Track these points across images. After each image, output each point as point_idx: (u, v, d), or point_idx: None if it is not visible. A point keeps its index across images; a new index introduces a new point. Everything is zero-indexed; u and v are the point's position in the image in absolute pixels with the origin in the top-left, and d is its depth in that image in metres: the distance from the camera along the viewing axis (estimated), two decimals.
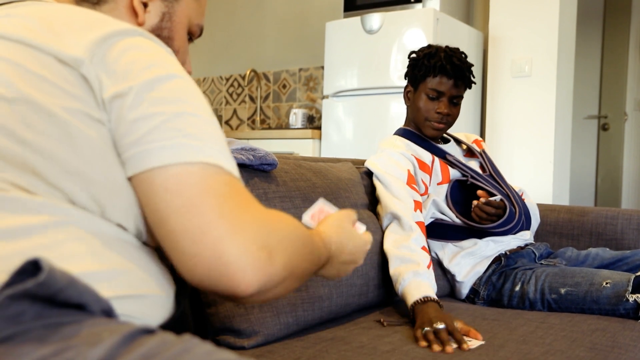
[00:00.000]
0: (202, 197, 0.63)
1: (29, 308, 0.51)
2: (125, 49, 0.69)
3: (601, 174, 4.26)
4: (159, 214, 0.64)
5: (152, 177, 0.64)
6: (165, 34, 0.87)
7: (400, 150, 1.72)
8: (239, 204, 0.65)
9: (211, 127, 0.69)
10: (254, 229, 0.65)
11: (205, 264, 0.62)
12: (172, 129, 0.65)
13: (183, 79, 0.71)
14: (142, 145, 0.65)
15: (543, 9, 2.99)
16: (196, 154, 0.65)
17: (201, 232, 0.62)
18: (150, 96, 0.67)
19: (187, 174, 0.64)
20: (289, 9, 4.27)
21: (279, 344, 1.19)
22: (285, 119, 4.23)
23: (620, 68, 4.18)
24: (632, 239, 1.95)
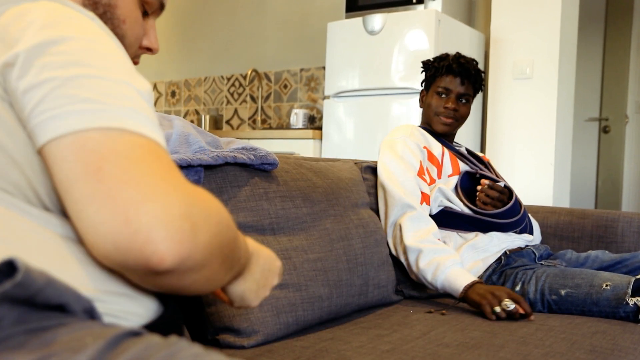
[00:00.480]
0: (105, 161, 0.55)
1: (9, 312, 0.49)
2: (19, 14, 0.64)
3: (602, 177, 4.26)
4: (62, 186, 0.57)
5: (49, 150, 0.57)
6: (104, 1, 0.79)
7: (415, 140, 1.79)
8: (151, 168, 0.57)
9: (116, 88, 0.61)
10: (175, 197, 0.56)
11: (111, 232, 0.54)
12: (64, 95, 0.58)
13: (87, 40, 0.63)
14: (34, 118, 0.58)
15: (545, 11, 2.99)
16: (93, 119, 0.57)
17: (107, 197, 0.54)
18: (40, 61, 0.60)
19: (84, 140, 0.56)
20: (290, 9, 4.27)
21: (278, 343, 1.19)
22: (286, 119, 4.23)
23: (622, 71, 4.18)
24: (633, 242, 1.95)
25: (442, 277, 1.55)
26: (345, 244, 1.46)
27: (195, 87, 4.77)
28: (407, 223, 1.65)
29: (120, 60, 0.65)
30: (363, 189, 1.70)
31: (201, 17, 4.72)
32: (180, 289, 0.60)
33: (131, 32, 0.83)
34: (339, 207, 1.52)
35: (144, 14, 0.86)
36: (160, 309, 0.68)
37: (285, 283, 1.27)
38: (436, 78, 1.86)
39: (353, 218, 1.54)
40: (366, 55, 3.13)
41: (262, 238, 1.29)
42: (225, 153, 1.27)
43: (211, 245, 0.58)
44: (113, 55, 0.64)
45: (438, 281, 1.56)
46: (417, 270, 1.60)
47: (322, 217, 1.45)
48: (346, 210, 1.54)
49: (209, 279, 0.62)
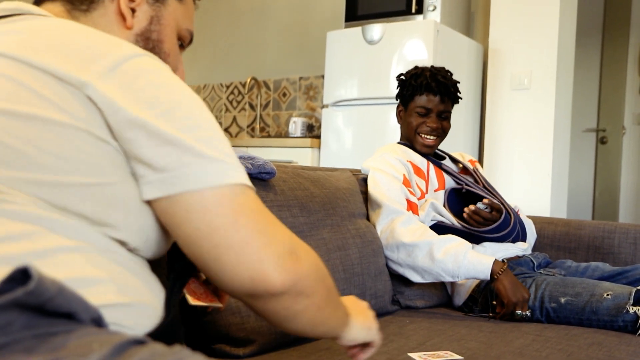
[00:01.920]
0: (240, 216, 0.70)
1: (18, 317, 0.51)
2: (136, 72, 0.71)
3: (599, 188, 4.27)
4: (199, 232, 0.69)
5: (186, 199, 0.69)
6: (154, 37, 0.88)
7: (397, 156, 1.79)
8: (268, 218, 0.73)
9: (225, 142, 0.74)
10: (284, 239, 0.73)
11: (247, 271, 0.70)
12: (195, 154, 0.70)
13: (195, 100, 0.74)
14: (171, 171, 0.69)
15: (543, 22, 3.01)
16: (224, 176, 0.70)
17: (244, 245, 0.69)
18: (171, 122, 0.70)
19: (221, 196, 0.70)
20: (290, 18, 4.28)
21: (274, 353, 1.19)
22: (285, 127, 4.23)
23: (619, 82, 4.19)
24: (629, 253, 1.95)
25: (465, 262, 1.56)
26: (342, 253, 1.46)
27: None
28: (399, 226, 1.64)
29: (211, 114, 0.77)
30: (360, 199, 1.70)
31: (201, 25, 4.73)
32: (295, 314, 0.76)
33: (173, 65, 0.91)
34: (336, 217, 1.52)
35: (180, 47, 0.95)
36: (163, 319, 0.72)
37: None
38: (415, 96, 1.83)
39: (350, 228, 1.54)
40: (365, 64, 3.14)
41: None
42: None
43: (314, 272, 0.76)
44: (209, 111, 0.76)
45: (461, 268, 1.56)
46: (432, 264, 1.59)
47: (319, 226, 1.45)
48: (343, 220, 1.54)
49: (320, 308, 0.78)
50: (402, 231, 1.63)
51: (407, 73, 1.89)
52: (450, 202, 1.81)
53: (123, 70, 0.71)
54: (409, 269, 1.63)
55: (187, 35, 0.94)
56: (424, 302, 1.69)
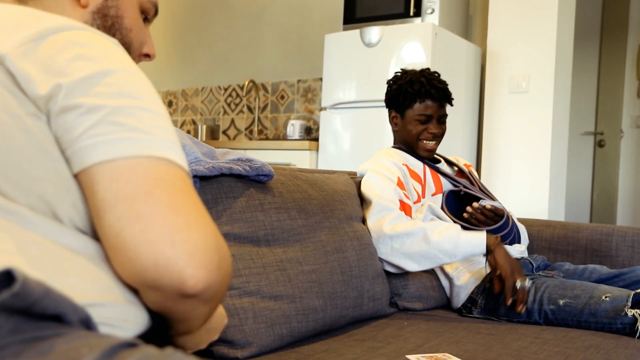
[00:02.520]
0: (154, 187, 0.60)
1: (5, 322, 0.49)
2: (60, 45, 0.66)
3: (597, 191, 4.27)
4: (103, 203, 0.60)
5: (96, 170, 0.61)
6: (112, 13, 0.83)
7: (392, 159, 1.79)
8: (193, 201, 0.63)
9: (159, 120, 0.66)
10: (209, 229, 0.62)
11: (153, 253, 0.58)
12: (116, 122, 0.62)
13: (128, 71, 0.68)
14: (84, 141, 0.62)
15: (541, 25, 3.01)
16: (144, 147, 0.62)
17: (153, 220, 0.59)
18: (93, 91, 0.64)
19: (135, 166, 0.61)
20: (288, 21, 4.29)
21: (272, 355, 1.19)
22: (283, 129, 4.24)
23: (617, 85, 4.20)
24: (627, 256, 1.95)
25: (461, 240, 1.57)
26: (340, 256, 1.46)
27: (193, 97, 4.78)
28: (389, 221, 1.64)
29: (154, 90, 0.70)
30: (357, 202, 1.70)
31: (199, 28, 4.74)
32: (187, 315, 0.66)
33: (136, 39, 0.87)
34: (334, 219, 1.52)
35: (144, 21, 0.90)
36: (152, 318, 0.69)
37: (280, 294, 1.27)
38: (413, 104, 1.81)
39: (348, 230, 1.54)
40: (363, 67, 3.14)
41: (257, 249, 1.29)
42: (221, 164, 1.27)
43: (226, 279, 0.65)
44: (149, 86, 0.69)
45: (459, 247, 1.57)
46: (429, 247, 1.58)
47: (317, 229, 1.45)
48: (341, 223, 1.54)
49: (208, 315, 0.68)
50: (393, 225, 1.64)
51: (396, 79, 1.86)
52: (448, 205, 1.82)
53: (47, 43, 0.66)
54: (403, 257, 1.62)
55: (150, 7, 0.89)
56: (422, 304, 1.69)
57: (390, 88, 1.87)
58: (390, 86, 1.87)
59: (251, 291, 1.23)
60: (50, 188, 0.63)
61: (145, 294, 0.64)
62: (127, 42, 0.86)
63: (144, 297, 0.64)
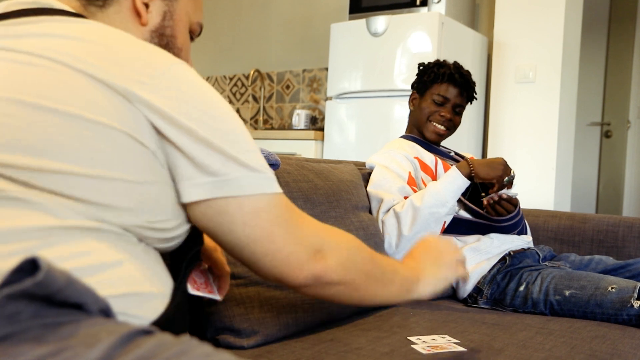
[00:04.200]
0: (274, 227, 0.78)
1: (26, 307, 0.51)
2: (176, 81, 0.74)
3: (603, 181, 4.26)
4: (239, 242, 0.78)
5: (228, 204, 0.75)
6: (168, 32, 0.88)
7: (404, 152, 1.79)
8: (298, 222, 0.82)
9: (259, 152, 0.80)
10: (311, 241, 0.83)
11: (279, 273, 0.81)
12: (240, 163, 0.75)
13: (229, 109, 0.79)
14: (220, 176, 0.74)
15: (548, 15, 2.99)
16: (264, 186, 0.77)
17: (276, 252, 0.79)
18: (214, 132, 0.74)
19: (258, 208, 0.77)
20: (294, 10, 4.27)
21: (278, 344, 1.19)
22: (288, 119, 4.23)
23: (624, 76, 4.17)
24: (633, 247, 1.95)
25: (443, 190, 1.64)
26: None
27: None
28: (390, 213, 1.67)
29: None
30: (363, 193, 1.70)
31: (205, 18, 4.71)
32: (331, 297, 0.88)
33: (185, 58, 0.92)
34: (340, 209, 1.52)
35: None
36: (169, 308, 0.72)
37: None
38: (434, 84, 1.84)
39: (354, 220, 1.54)
40: (369, 57, 3.13)
41: None
42: None
43: (341, 264, 0.86)
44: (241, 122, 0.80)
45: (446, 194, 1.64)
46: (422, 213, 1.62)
47: (323, 218, 1.45)
48: (347, 213, 1.54)
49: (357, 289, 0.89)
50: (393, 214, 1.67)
51: (429, 62, 1.91)
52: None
53: (165, 79, 0.72)
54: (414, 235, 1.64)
55: (197, 28, 0.95)
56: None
57: (420, 68, 1.92)
58: (421, 67, 1.92)
59: (257, 280, 1.23)
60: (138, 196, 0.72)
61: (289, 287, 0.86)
62: None
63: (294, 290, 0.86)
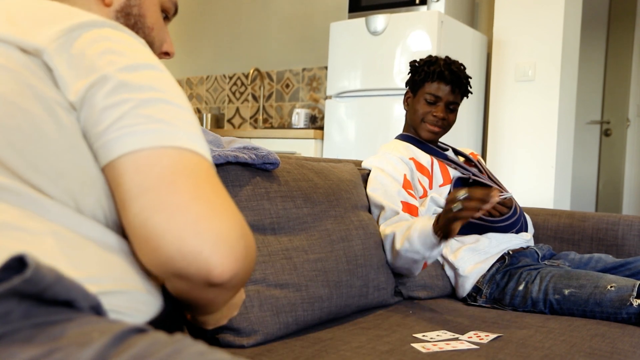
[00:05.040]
0: (178, 176, 0.61)
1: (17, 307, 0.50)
2: (92, 40, 0.68)
3: (602, 180, 4.26)
4: (129, 194, 0.61)
5: (122, 162, 0.62)
6: (135, 12, 0.85)
7: (399, 154, 1.78)
8: (217, 190, 0.63)
9: (184, 114, 0.67)
10: (234, 217, 0.63)
11: (179, 242, 0.59)
12: (141, 115, 0.63)
13: (155, 68, 0.70)
14: (111, 133, 0.63)
15: (548, 14, 2.99)
16: (168, 138, 0.63)
17: (178, 209, 0.59)
18: (120, 84, 0.65)
19: (159, 156, 0.62)
20: (293, 9, 4.27)
21: (278, 343, 1.19)
22: (288, 118, 4.23)
23: (624, 74, 4.17)
24: (633, 245, 1.95)
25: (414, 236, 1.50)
26: (346, 245, 1.46)
27: (197, 86, 4.77)
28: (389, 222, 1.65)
29: (178, 86, 0.71)
30: (363, 192, 1.70)
31: (204, 16, 4.72)
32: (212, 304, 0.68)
33: (158, 38, 0.89)
34: (340, 208, 1.52)
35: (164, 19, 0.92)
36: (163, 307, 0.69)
37: (286, 283, 1.27)
38: (425, 83, 1.81)
39: (353, 219, 1.54)
40: (368, 55, 3.13)
41: (263, 237, 1.29)
42: (227, 152, 1.27)
43: (251, 267, 0.65)
44: (173, 81, 0.71)
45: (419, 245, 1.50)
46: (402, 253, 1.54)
47: (323, 217, 1.45)
48: (347, 212, 1.54)
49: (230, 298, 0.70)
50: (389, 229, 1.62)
51: (420, 60, 1.87)
52: None
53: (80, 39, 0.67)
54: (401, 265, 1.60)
55: (170, 6, 0.91)
56: (427, 293, 1.69)
57: (411, 67, 1.89)
58: (411, 65, 1.89)
59: (257, 279, 1.23)
60: (76, 183, 0.64)
61: (170, 282, 0.65)
62: (149, 42, 0.87)
63: (169, 286, 0.66)
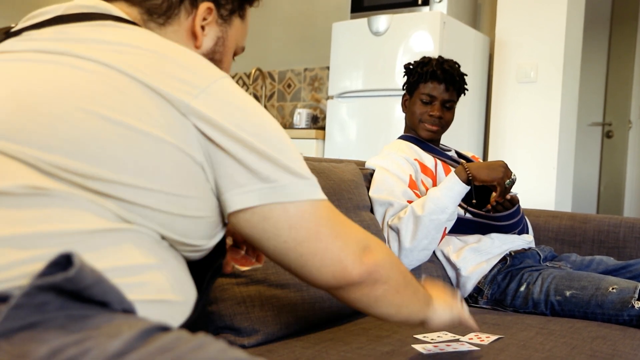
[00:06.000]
0: (320, 227, 0.79)
1: (54, 299, 0.54)
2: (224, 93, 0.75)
3: (604, 182, 4.25)
4: (287, 245, 0.78)
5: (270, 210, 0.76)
6: (217, 57, 0.91)
7: (404, 155, 1.78)
8: (343, 223, 0.83)
9: (303, 160, 0.81)
10: (357, 237, 0.84)
11: (330, 272, 0.81)
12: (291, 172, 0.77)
13: (274, 121, 0.80)
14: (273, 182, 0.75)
15: (550, 15, 2.99)
16: (304, 193, 0.78)
17: (326, 251, 0.80)
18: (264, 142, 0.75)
19: (304, 211, 0.78)
20: (295, 9, 4.27)
21: (279, 343, 1.19)
22: (290, 118, 4.23)
23: (626, 76, 4.17)
24: (634, 247, 1.95)
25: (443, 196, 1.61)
26: None
27: None
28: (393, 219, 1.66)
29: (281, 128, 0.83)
30: (365, 192, 1.70)
31: None
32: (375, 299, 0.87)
33: None
34: (341, 208, 1.52)
35: None
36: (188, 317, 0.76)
37: (287, 283, 1.27)
38: (419, 84, 1.83)
39: (355, 220, 1.54)
40: (370, 56, 3.13)
41: None
42: None
43: (387, 261, 0.86)
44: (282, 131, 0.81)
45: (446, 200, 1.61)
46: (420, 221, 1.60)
47: None
48: (348, 212, 1.54)
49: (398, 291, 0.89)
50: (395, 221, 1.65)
51: (414, 62, 1.89)
52: None
53: (214, 91, 0.73)
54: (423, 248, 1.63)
55: (240, 51, 0.99)
56: None
57: (406, 70, 1.90)
58: (406, 68, 1.90)
59: (258, 279, 1.23)
60: None
61: (333, 293, 0.86)
62: None
63: (335, 297, 0.87)
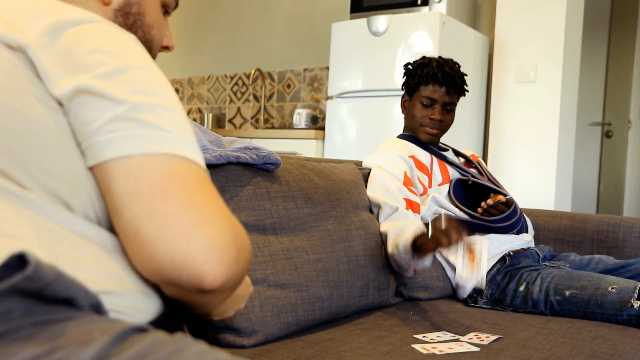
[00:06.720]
0: (170, 184, 0.61)
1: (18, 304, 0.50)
2: (80, 37, 0.66)
3: (604, 181, 4.25)
4: (120, 201, 0.61)
5: (113, 166, 0.62)
6: (134, 10, 0.84)
7: (398, 152, 1.78)
8: (209, 196, 0.63)
9: (176, 118, 0.66)
10: (226, 225, 0.63)
11: (170, 251, 0.59)
12: (134, 119, 0.63)
13: (147, 69, 0.68)
14: (102, 135, 0.62)
15: (549, 15, 2.99)
16: (160, 144, 0.63)
17: (169, 217, 0.59)
18: (112, 86, 0.64)
19: (152, 163, 0.61)
20: (295, 9, 4.27)
21: (278, 343, 1.19)
22: (289, 118, 4.23)
23: (625, 75, 4.17)
24: (634, 247, 1.95)
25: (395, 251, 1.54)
26: (347, 245, 1.46)
27: (199, 86, 4.77)
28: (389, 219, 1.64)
29: (171, 88, 0.70)
30: (364, 192, 1.70)
31: (206, 16, 4.72)
32: (207, 305, 0.67)
33: (157, 35, 0.87)
34: (341, 208, 1.52)
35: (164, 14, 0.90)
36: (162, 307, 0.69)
37: (287, 283, 1.27)
38: (420, 86, 1.80)
39: (354, 220, 1.54)
40: (370, 56, 3.13)
41: (263, 238, 1.29)
42: (228, 152, 1.27)
43: (244, 270, 0.66)
44: (167, 83, 0.69)
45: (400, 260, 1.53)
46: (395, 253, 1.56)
47: (324, 218, 1.45)
48: (347, 212, 1.54)
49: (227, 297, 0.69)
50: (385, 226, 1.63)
51: (414, 62, 1.86)
52: (456, 194, 1.81)
53: (66, 35, 0.66)
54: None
55: (171, 1, 0.89)
56: (427, 293, 1.69)
57: (405, 70, 1.88)
58: (405, 68, 1.88)
59: (257, 279, 1.23)
60: (64, 182, 0.64)
61: (164, 288, 0.65)
62: (148, 40, 0.86)
63: (164, 290, 0.66)
